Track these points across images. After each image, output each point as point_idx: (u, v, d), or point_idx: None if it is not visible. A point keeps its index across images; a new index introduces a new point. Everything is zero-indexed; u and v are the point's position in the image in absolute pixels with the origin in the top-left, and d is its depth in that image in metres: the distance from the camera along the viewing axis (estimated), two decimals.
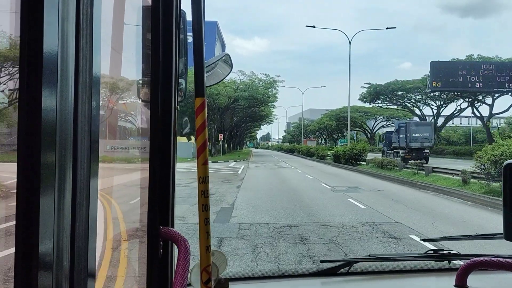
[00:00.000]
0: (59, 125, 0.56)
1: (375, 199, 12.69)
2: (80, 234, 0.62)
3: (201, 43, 0.95)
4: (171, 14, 0.94)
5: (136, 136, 1.47)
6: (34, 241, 0.52)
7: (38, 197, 0.52)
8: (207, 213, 0.95)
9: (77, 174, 0.61)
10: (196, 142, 0.95)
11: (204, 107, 0.95)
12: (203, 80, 0.95)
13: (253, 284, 1.76)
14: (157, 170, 0.94)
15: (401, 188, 16.84)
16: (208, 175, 0.96)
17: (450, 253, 1.76)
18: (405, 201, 12.50)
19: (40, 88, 0.53)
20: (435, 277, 1.83)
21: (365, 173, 24.53)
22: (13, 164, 0.52)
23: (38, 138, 0.53)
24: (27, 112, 0.53)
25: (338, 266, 1.78)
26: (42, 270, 0.53)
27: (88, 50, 0.64)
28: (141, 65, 1.01)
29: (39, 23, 0.53)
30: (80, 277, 0.62)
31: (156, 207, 0.93)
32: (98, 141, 0.68)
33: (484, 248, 5.57)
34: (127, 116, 1.61)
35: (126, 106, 1.48)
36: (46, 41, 0.53)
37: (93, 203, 0.66)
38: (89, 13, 0.64)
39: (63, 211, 0.58)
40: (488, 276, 1.65)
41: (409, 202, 12.30)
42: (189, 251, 0.91)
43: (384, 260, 1.89)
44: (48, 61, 0.54)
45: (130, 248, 1.13)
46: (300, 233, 7.66)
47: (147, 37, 0.95)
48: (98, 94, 0.68)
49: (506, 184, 1.08)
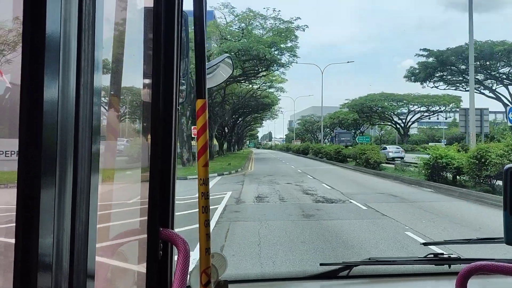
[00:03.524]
0: (60, 125, 0.57)
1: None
2: (80, 234, 0.62)
3: (203, 45, 0.95)
4: (173, 15, 0.94)
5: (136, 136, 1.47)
6: (34, 241, 0.52)
7: (38, 197, 0.52)
8: (207, 215, 0.95)
9: (78, 174, 0.61)
10: (197, 144, 0.95)
11: (205, 109, 0.95)
12: (205, 81, 0.95)
13: (253, 286, 1.75)
14: (157, 171, 0.94)
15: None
16: (209, 176, 0.96)
17: (450, 257, 1.76)
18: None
19: (41, 89, 0.53)
20: (435, 281, 1.82)
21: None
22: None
23: (39, 139, 0.53)
24: (28, 112, 0.53)
25: (338, 269, 1.77)
26: (42, 270, 0.53)
27: (90, 51, 0.64)
28: (143, 66, 1.02)
29: (42, 24, 0.53)
30: (79, 278, 0.62)
31: (156, 209, 0.93)
32: (99, 141, 0.68)
33: (485, 252, 5.56)
34: (128, 116, 1.61)
35: (127, 107, 1.49)
36: (48, 42, 0.53)
37: (93, 203, 0.66)
38: (91, 14, 0.64)
39: (63, 211, 0.58)
40: (489, 281, 1.65)
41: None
42: (189, 253, 0.91)
43: (384, 263, 1.89)
44: (50, 61, 0.54)
45: (129, 249, 1.13)
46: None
47: (149, 38, 0.95)
48: (100, 95, 0.68)
49: (507, 188, 1.08)
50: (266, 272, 5.04)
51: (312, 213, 10.38)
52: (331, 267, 1.78)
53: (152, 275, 0.93)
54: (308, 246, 6.95)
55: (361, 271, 1.81)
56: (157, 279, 0.93)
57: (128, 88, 1.28)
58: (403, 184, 18.36)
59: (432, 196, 14.11)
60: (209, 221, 0.96)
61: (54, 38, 0.55)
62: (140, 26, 1.00)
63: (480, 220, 9.56)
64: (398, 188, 16.54)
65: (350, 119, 62.51)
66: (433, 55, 40.69)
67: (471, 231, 8.34)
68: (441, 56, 39.71)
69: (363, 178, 21.41)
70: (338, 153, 35.25)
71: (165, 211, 0.95)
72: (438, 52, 40.25)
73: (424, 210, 10.88)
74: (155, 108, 0.93)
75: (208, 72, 1.10)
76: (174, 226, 0.97)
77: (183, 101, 1.07)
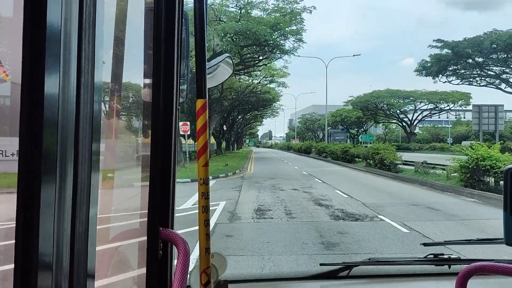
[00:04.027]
0: (60, 125, 0.57)
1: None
2: (80, 234, 0.62)
3: (203, 45, 0.95)
4: (174, 15, 0.94)
5: (137, 136, 1.47)
6: (34, 241, 0.52)
7: (38, 196, 0.52)
8: (207, 214, 0.95)
9: (78, 174, 0.61)
10: (197, 143, 0.95)
11: (206, 109, 0.95)
12: (205, 81, 0.96)
13: (252, 286, 1.75)
14: (157, 171, 0.94)
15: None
16: (209, 176, 0.97)
17: (450, 258, 1.75)
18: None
19: (42, 88, 0.53)
20: (435, 281, 1.82)
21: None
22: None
23: (39, 139, 0.53)
24: (29, 112, 0.53)
25: (338, 269, 1.77)
26: (42, 270, 0.53)
27: (91, 51, 0.64)
28: (143, 66, 1.02)
29: (42, 23, 0.53)
30: (79, 277, 0.62)
31: (156, 208, 0.93)
32: (99, 141, 0.68)
33: (485, 252, 5.55)
34: (128, 116, 1.61)
35: (127, 107, 1.49)
36: (48, 41, 0.53)
37: (93, 203, 0.66)
38: (92, 13, 0.64)
39: (63, 211, 0.58)
40: (489, 281, 1.65)
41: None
42: (189, 252, 0.91)
43: (384, 264, 1.89)
44: (51, 61, 0.54)
45: (129, 249, 1.13)
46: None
47: (150, 38, 0.95)
48: (100, 94, 0.68)
49: (507, 189, 1.08)
50: (266, 272, 5.03)
51: (334, 239, 7.47)
52: (331, 267, 1.78)
53: (152, 274, 0.93)
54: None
55: (361, 271, 1.81)
56: (157, 279, 0.94)
57: (128, 87, 1.29)
58: (435, 192, 15.09)
59: (482, 209, 11.02)
60: (209, 221, 0.97)
61: (54, 37, 0.55)
62: (140, 25, 1.00)
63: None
64: (432, 197, 13.42)
65: (353, 117, 59.78)
66: (447, 46, 36.85)
67: None
68: (457, 47, 35.73)
69: (382, 183, 17.88)
70: (345, 152, 31.55)
71: (165, 211, 0.95)
72: (454, 43, 36.36)
73: (487, 233, 7.94)
74: (156, 108, 0.93)
75: (208, 72, 1.10)
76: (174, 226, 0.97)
77: (183, 100, 1.08)
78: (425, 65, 39.95)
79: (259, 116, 67.97)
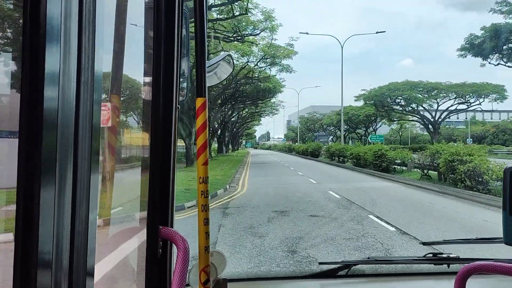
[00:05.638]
0: (60, 124, 0.56)
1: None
2: (80, 233, 0.62)
3: (203, 43, 0.95)
4: (174, 14, 0.94)
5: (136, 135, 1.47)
6: (34, 240, 0.52)
7: (38, 196, 0.52)
8: (206, 213, 0.95)
9: (78, 173, 0.61)
10: (197, 142, 0.95)
11: (205, 107, 0.95)
12: (205, 80, 0.96)
13: (252, 285, 1.75)
14: (157, 169, 0.94)
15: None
16: (208, 175, 0.97)
17: (449, 257, 1.76)
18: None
19: (42, 88, 0.53)
20: (434, 280, 1.82)
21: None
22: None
23: (39, 138, 0.53)
24: (28, 111, 0.53)
25: (337, 268, 1.78)
26: (41, 269, 0.53)
27: (90, 49, 0.64)
28: (143, 64, 1.01)
29: (42, 22, 0.53)
30: (79, 276, 0.62)
31: (156, 207, 0.93)
32: (99, 140, 0.68)
33: (483, 251, 5.56)
34: (128, 115, 1.61)
35: (127, 105, 1.48)
36: (48, 39, 0.53)
37: (93, 202, 0.66)
38: (92, 11, 0.64)
39: (63, 210, 0.58)
40: (488, 280, 1.65)
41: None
42: (188, 251, 0.91)
43: (383, 263, 1.89)
44: (50, 59, 0.54)
45: (129, 247, 1.13)
46: None
47: (150, 36, 0.95)
48: (100, 93, 0.68)
49: (506, 189, 1.08)
50: (265, 271, 5.04)
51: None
52: (331, 266, 1.79)
53: (152, 273, 0.93)
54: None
55: (360, 270, 1.82)
56: (157, 277, 0.94)
57: (128, 86, 1.28)
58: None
59: None
60: (209, 220, 0.97)
61: (54, 36, 0.55)
62: (140, 24, 1.00)
63: None
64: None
65: (362, 115, 52.65)
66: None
67: None
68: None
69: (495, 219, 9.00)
70: (380, 157, 21.65)
71: (165, 210, 0.95)
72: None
73: None
74: (155, 107, 0.93)
75: (208, 71, 1.10)
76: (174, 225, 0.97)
77: (183, 99, 1.08)
78: (473, 42, 28.78)
79: (256, 114, 59.27)
